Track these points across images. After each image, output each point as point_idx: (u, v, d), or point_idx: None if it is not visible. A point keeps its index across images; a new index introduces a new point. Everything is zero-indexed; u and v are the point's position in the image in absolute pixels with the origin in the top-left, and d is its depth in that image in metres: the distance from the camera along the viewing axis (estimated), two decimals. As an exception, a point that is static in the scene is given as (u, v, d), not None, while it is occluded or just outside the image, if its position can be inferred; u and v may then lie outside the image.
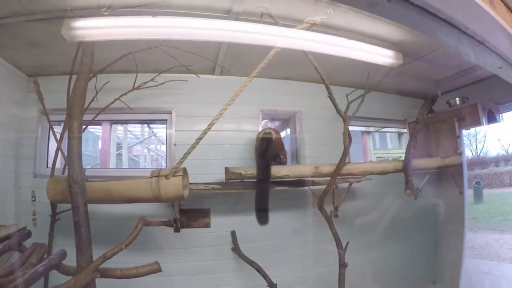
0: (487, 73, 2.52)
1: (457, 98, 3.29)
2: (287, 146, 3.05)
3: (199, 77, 2.52)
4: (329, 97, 2.32)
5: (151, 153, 5.69)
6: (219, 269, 2.77)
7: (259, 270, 2.66)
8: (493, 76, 1.98)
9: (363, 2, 1.11)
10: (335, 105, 2.35)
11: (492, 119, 3.12)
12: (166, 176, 1.93)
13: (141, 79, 2.49)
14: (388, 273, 3.19)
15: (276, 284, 2.66)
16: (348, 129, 2.44)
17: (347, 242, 2.57)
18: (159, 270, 1.80)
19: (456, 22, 1.24)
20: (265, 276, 2.65)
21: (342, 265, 2.54)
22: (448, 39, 1.34)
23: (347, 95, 2.52)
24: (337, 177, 2.58)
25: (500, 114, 3.22)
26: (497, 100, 3.15)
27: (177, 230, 2.51)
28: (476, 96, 3.11)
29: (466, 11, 1.17)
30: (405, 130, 3.81)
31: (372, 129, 4.05)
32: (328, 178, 2.57)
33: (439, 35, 1.33)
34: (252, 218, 2.48)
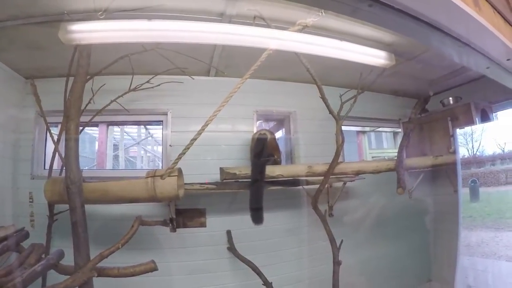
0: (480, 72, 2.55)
1: (450, 98, 3.32)
2: (281, 146, 3.07)
3: (193, 79, 2.55)
4: (321, 98, 2.35)
5: (148, 154, 5.71)
6: (215, 268, 2.80)
7: (255, 269, 2.69)
8: (486, 76, 2.00)
9: (345, 8, 1.14)
10: (327, 106, 2.39)
11: (485, 118, 3.15)
12: (161, 176, 1.97)
13: (137, 81, 2.51)
14: (383, 271, 3.21)
15: (271, 282, 2.69)
16: (340, 129, 2.48)
17: (341, 241, 2.60)
18: (155, 269, 1.84)
19: (440, 26, 1.26)
20: (260, 274, 2.68)
21: (336, 263, 2.57)
22: (432, 41, 1.37)
23: (340, 96, 2.56)
24: (331, 177, 2.61)
25: (493, 113, 3.25)
26: (490, 99, 3.18)
27: (173, 229, 2.54)
28: (470, 96, 3.14)
29: (449, 14, 1.20)
30: (400, 130, 3.84)
31: (367, 128, 4.08)
32: (322, 178, 2.60)
33: (423, 38, 1.37)
34: (247, 217, 2.52)
